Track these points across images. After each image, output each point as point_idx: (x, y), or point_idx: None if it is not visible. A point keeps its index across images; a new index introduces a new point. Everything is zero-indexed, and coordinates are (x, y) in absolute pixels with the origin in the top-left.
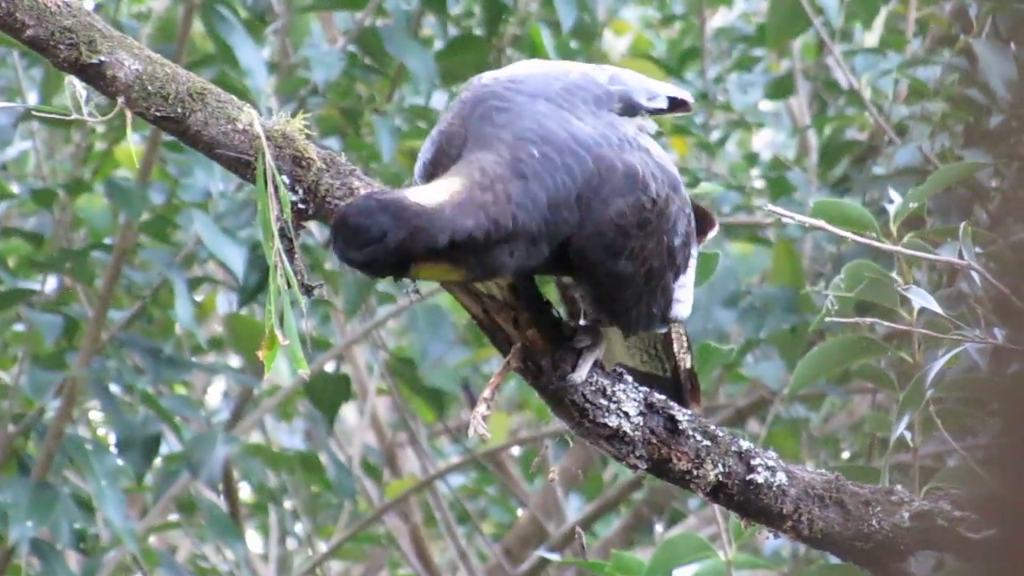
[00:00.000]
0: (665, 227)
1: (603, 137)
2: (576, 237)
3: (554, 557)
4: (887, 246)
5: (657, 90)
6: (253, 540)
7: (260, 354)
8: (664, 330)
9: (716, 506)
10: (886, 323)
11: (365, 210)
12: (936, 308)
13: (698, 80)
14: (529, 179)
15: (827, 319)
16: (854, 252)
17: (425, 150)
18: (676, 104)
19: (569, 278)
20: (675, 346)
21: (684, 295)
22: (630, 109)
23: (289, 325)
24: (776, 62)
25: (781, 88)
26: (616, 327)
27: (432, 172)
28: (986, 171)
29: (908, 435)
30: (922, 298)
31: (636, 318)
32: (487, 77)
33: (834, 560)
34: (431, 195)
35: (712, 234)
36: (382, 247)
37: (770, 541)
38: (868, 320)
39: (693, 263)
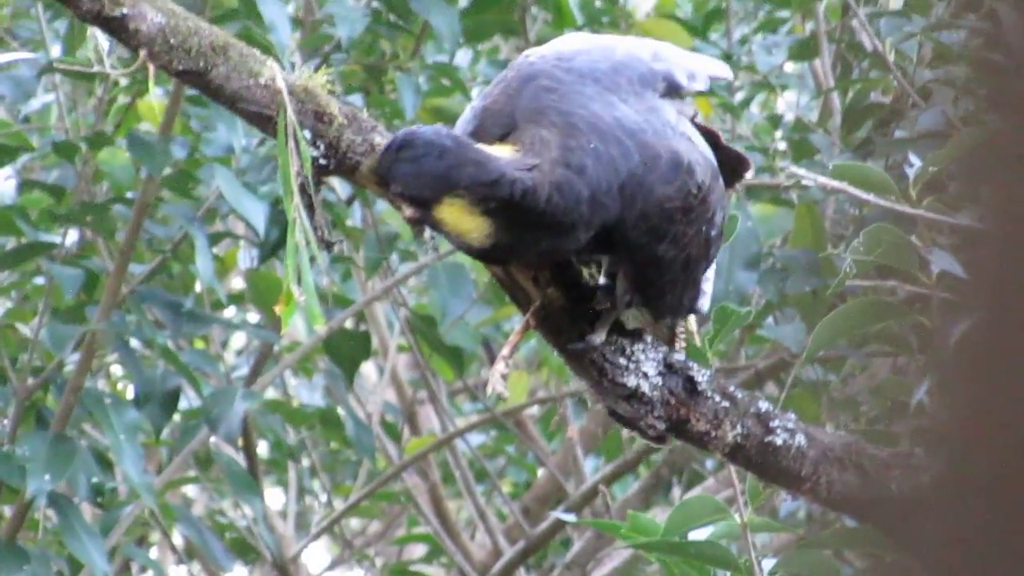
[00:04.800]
0: (706, 216)
1: (647, 123)
2: (620, 222)
3: (570, 518)
4: (908, 209)
5: (698, 69)
6: (271, 496)
7: (277, 310)
8: (683, 319)
9: (732, 468)
10: (907, 286)
11: (434, 131)
12: (958, 271)
13: (723, 41)
14: (574, 170)
15: (848, 282)
16: (876, 216)
17: (465, 122)
18: (715, 79)
19: (604, 261)
20: (676, 344)
21: (708, 287)
22: (673, 89)
23: (307, 281)
24: (801, 24)
25: (805, 50)
26: (645, 310)
27: None
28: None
29: (927, 399)
30: (944, 261)
31: (669, 304)
32: (534, 55)
33: (851, 523)
34: (490, 149)
35: (748, 175)
36: (433, 161)
37: (786, 503)
38: (888, 283)
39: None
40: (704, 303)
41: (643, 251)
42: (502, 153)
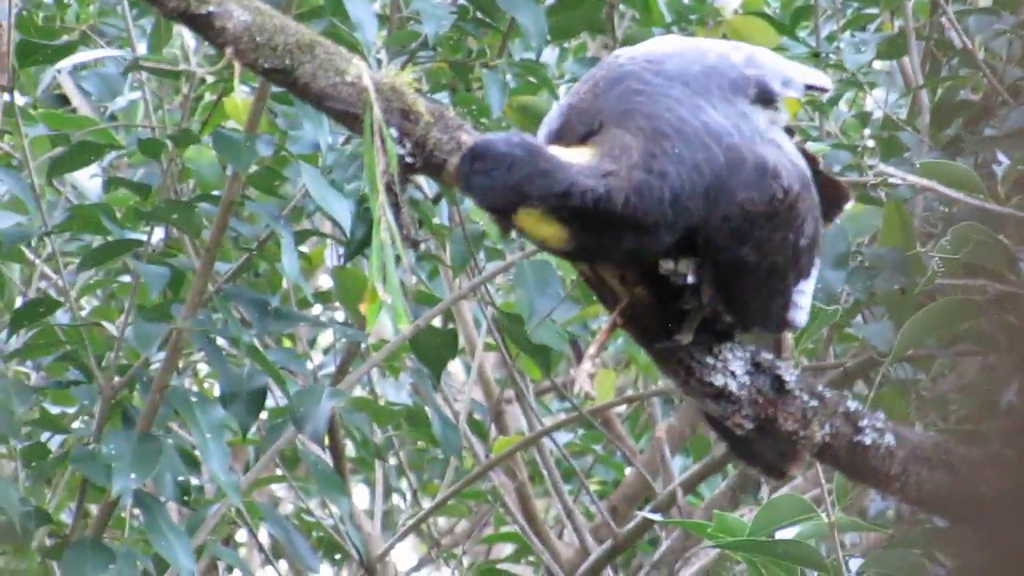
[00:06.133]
0: (794, 223)
1: (735, 128)
2: (703, 226)
3: (656, 517)
4: (997, 207)
5: (793, 75)
6: (358, 495)
7: (362, 308)
8: (778, 334)
9: (819, 467)
10: (996, 285)
11: (505, 141)
12: None
13: (811, 38)
14: (656, 174)
15: (937, 281)
16: (964, 214)
17: (551, 119)
18: (811, 88)
19: (689, 267)
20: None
21: (804, 301)
22: (765, 95)
23: (392, 280)
24: (889, 21)
25: (894, 47)
26: (732, 319)
27: (556, 143)
28: None
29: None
30: None
31: (754, 312)
32: (623, 56)
33: (941, 523)
34: (567, 155)
35: (848, 206)
36: (504, 177)
37: (875, 503)
38: (978, 282)
39: (816, 272)
40: (800, 317)
41: (725, 254)
42: (578, 159)
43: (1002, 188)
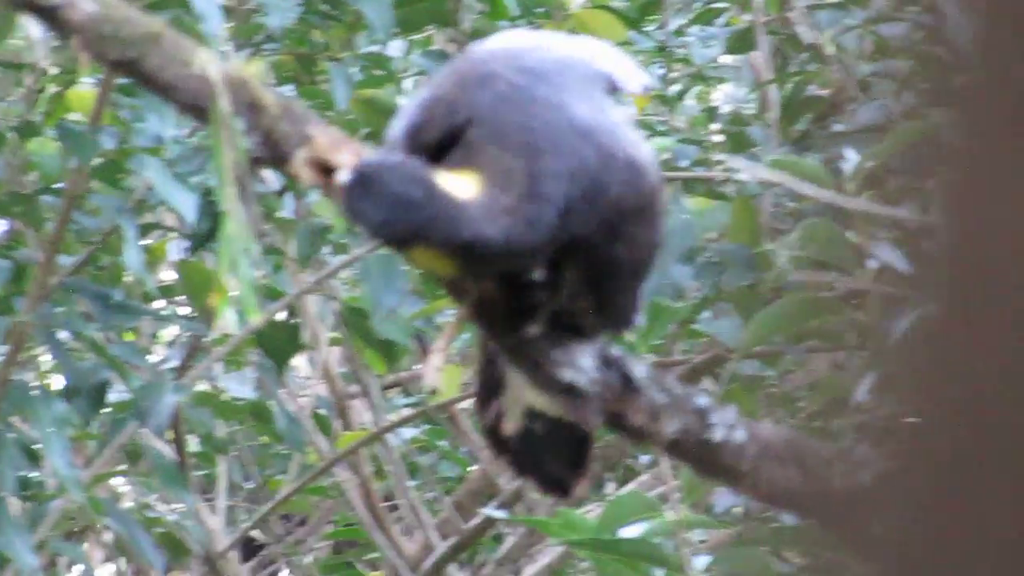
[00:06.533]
0: (655, 220)
1: (599, 124)
2: (583, 229)
3: (500, 515)
4: (849, 201)
5: (631, 73)
6: (200, 490)
7: (211, 302)
8: (622, 334)
9: (666, 464)
10: (846, 282)
11: (404, 175)
12: (901, 264)
13: (658, 32)
14: (543, 199)
15: (787, 277)
16: (813, 210)
17: (411, 112)
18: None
19: (543, 267)
20: None
21: (642, 302)
22: (614, 89)
23: (242, 273)
24: (738, 16)
25: (742, 42)
26: (592, 320)
27: (416, 136)
28: (949, 130)
29: (867, 395)
30: (888, 255)
31: (618, 310)
32: (482, 51)
33: (789, 520)
34: (458, 188)
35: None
36: (401, 217)
37: (722, 500)
38: (826, 278)
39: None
40: (639, 317)
41: (597, 251)
42: (469, 193)
43: (850, 184)
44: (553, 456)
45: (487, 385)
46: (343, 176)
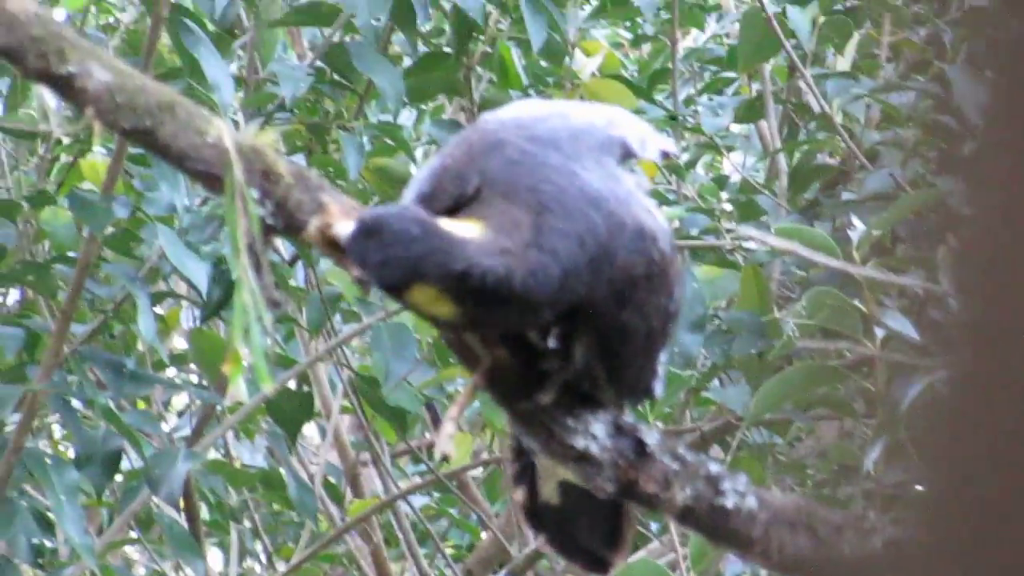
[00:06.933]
0: (667, 287)
1: (610, 192)
2: (588, 294)
3: None
4: (857, 269)
5: (648, 139)
6: (213, 558)
7: (224, 370)
8: (641, 403)
9: (674, 531)
10: (855, 349)
11: (398, 217)
12: (911, 332)
13: (668, 101)
14: (547, 252)
15: (796, 345)
16: (822, 278)
17: (421, 181)
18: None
19: (555, 335)
20: None
21: (662, 370)
22: (628, 156)
23: (255, 341)
24: (747, 85)
25: (751, 111)
26: (606, 389)
27: (426, 205)
28: (958, 198)
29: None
30: (897, 322)
31: (630, 379)
32: (492, 122)
33: None
34: (459, 229)
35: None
36: (399, 253)
37: (732, 566)
38: (836, 346)
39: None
40: (659, 386)
41: (607, 320)
42: (471, 234)
43: (858, 253)
44: (590, 530)
45: (521, 461)
46: (348, 229)
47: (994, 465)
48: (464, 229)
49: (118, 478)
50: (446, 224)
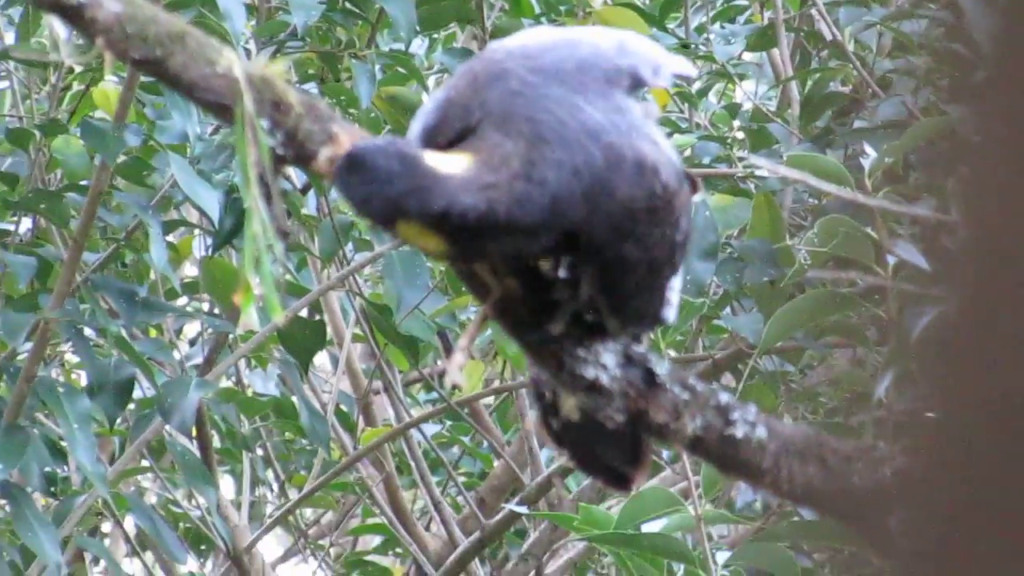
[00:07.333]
0: (671, 219)
1: (612, 124)
2: (585, 226)
3: (523, 510)
4: (868, 199)
5: (662, 63)
6: (225, 486)
7: (235, 300)
8: (651, 331)
9: (687, 459)
10: (867, 277)
11: (382, 152)
12: (921, 262)
13: (680, 29)
14: (535, 182)
15: (810, 273)
16: (834, 206)
17: (426, 114)
18: (678, 76)
19: (565, 266)
20: None
21: (674, 298)
22: (637, 84)
23: (265, 271)
24: (759, 13)
25: (763, 39)
26: (612, 319)
27: (432, 138)
28: (968, 127)
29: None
30: (907, 252)
31: (634, 309)
32: (500, 51)
33: (809, 515)
34: (445, 164)
35: (696, 198)
36: (380, 190)
37: (743, 495)
38: (848, 274)
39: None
40: (670, 313)
41: (607, 252)
42: (457, 169)
43: (870, 180)
44: (611, 447)
45: (541, 378)
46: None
47: (998, 391)
48: (450, 164)
49: (130, 406)
50: (431, 159)
